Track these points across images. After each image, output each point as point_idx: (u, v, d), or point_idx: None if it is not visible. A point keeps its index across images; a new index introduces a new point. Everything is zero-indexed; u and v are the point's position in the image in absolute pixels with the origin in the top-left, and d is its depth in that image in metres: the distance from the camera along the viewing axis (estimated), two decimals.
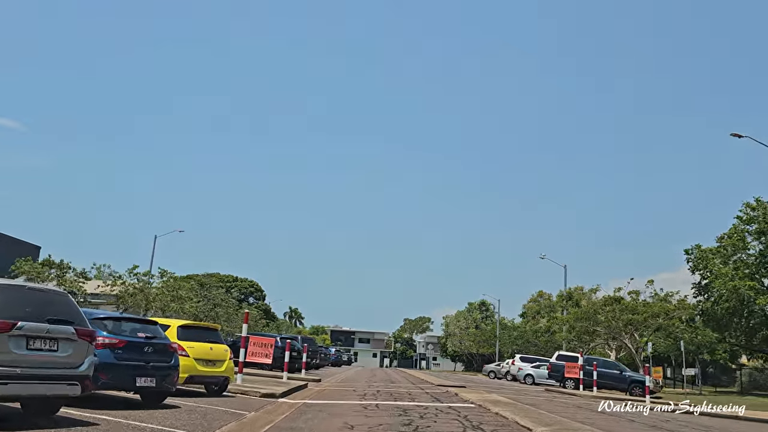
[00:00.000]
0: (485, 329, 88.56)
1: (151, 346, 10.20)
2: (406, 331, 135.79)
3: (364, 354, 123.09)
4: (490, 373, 54.27)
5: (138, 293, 23.61)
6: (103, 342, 9.51)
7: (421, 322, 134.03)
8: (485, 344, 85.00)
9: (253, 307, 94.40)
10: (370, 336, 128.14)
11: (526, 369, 40.73)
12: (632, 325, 39.14)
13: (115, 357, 9.60)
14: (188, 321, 14.80)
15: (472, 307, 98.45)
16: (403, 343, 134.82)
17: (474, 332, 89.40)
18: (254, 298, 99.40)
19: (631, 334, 40.14)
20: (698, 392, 38.52)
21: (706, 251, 39.62)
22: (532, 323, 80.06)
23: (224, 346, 13.84)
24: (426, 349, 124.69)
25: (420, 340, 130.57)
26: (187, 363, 12.48)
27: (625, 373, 31.88)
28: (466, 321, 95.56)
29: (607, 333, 41.68)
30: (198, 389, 13.92)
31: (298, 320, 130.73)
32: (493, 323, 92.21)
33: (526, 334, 62.53)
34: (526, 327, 66.69)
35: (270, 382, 17.79)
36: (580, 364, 28.87)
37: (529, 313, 76.97)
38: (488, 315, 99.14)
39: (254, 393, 14.10)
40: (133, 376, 9.73)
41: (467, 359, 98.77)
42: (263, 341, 16.11)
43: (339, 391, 17.92)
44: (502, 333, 78.64)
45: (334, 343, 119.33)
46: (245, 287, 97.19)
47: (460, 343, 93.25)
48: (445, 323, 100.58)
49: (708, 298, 38.76)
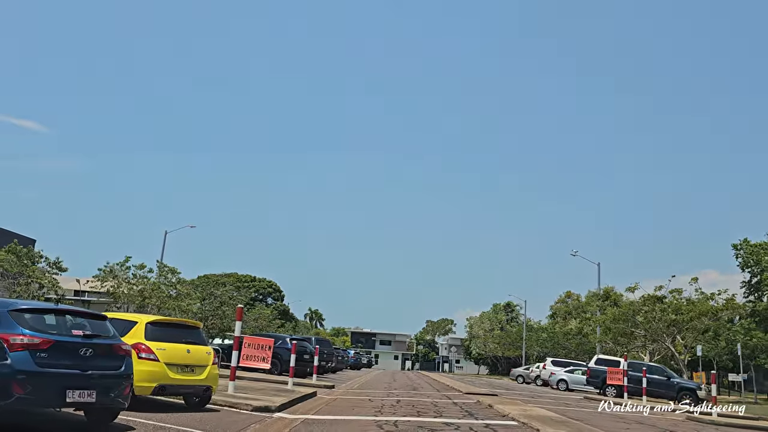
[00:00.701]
0: (510, 331, 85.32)
1: (91, 347, 7.54)
2: (428, 333, 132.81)
3: (385, 356, 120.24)
4: (518, 377, 51.25)
5: (131, 289, 21.23)
6: (19, 342, 6.93)
7: (444, 324, 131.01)
8: (511, 347, 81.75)
9: (271, 307, 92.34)
10: (391, 338, 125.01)
11: (559, 374, 37.67)
12: (675, 326, 35.87)
13: (36, 362, 6.97)
14: (160, 317, 12.15)
15: (497, 309, 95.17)
16: (426, 345, 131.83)
17: (499, 334, 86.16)
18: (273, 299, 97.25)
19: (673, 336, 36.87)
20: (752, 401, 35.16)
21: (757, 246, 36.23)
22: (561, 324, 76.70)
23: (206, 348, 11.22)
24: (449, 352, 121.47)
25: (442, 342, 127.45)
26: (155, 369, 9.91)
27: (673, 379, 28.75)
28: (490, 323, 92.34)
29: (646, 335, 38.42)
30: (176, 401, 11.35)
31: (319, 322, 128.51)
32: (519, 325, 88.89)
33: (556, 336, 59.21)
34: (555, 329, 63.33)
35: (270, 390, 15.17)
36: (623, 369, 25.82)
37: (559, 314, 73.52)
38: (514, 317, 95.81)
39: (245, 406, 11.47)
40: (62, 389, 7.10)
41: (491, 362, 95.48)
42: (260, 342, 13.32)
43: (352, 402, 15.23)
44: (529, 335, 75.41)
45: (355, 345, 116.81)
46: (263, 287, 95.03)
47: (485, 346, 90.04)
48: (469, 325, 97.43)
49: (759, 297, 35.37)
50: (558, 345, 58.01)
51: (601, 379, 28.86)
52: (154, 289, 21.71)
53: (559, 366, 40.21)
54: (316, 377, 21.30)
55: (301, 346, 24.56)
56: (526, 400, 20.34)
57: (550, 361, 41.65)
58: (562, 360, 42.87)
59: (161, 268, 22.68)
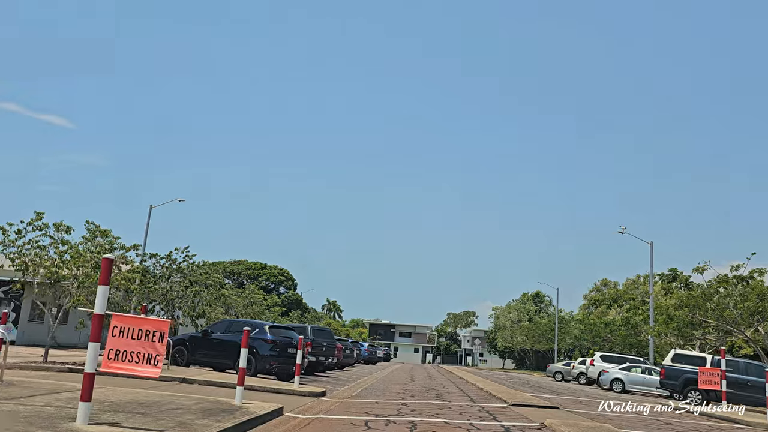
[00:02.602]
0: (540, 322, 78.55)
1: None
2: (450, 325, 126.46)
3: (405, 349, 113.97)
4: (556, 374, 44.61)
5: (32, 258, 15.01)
6: None
7: (466, 316, 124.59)
8: (541, 339, 75.05)
9: (283, 296, 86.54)
10: (411, 330, 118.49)
11: (613, 372, 30.98)
12: (760, 313, 29.02)
13: None
14: None
15: (525, 298, 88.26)
16: (447, 337, 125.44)
17: (527, 326, 79.41)
18: (285, 288, 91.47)
19: (754, 326, 30.00)
20: None
21: None
22: (596, 315, 69.75)
23: None
24: (472, 345, 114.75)
25: (465, 334, 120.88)
26: None
27: None
28: (518, 313, 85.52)
29: (718, 325, 31.58)
30: None
31: (337, 313, 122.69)
32: (549, 316, 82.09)
33: (595, 327, 52.35)
34: (593, 320, 56.47)
35: (191, 412, 8.78)
36: (722, 369, 19.15)
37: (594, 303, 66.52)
38: (543, 307, 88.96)
39: None
40: None
41: (519, 356, 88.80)
42: (142, 326, 6.49)
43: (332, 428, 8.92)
44: (561, 327, 68.71)
45: (373, 337, 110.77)
46: (274, 275, 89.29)
47: (511, 338, 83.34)
48: (495, 316, 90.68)
49: None
50: (598, 337, 51.14)
51: (681, 380, 22.26)
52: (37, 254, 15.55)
53: (611, 362, 33.57)
54: (299, 379, 14.96)
55: (285, 336, 18.27)
56: (597, 417, 13.85)
57: (599, 356, 35.02)
58: (614, 354, 36.18)
59: (92, 231, 16.43)
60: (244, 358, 10.38)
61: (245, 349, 10.45)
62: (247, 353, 10.50)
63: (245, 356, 10.40)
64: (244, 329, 10.73)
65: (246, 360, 10.40)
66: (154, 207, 40.36)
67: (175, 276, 22.81)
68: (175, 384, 14.34)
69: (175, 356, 18.99)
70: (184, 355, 18.84)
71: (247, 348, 10.53)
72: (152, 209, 40.21)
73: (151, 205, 40.33)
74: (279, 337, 18.04)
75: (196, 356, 18.72)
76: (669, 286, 31.18)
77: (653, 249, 40.69)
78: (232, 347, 17.80)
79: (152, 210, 40.10)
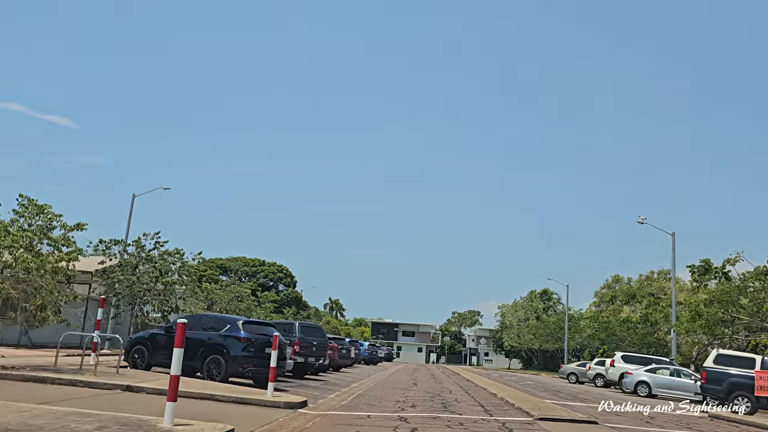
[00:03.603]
0: (548, 321, 75.43)
1: None
2: (454, 324, 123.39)
3: (409, 348, 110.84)
4: (570, 375, 41.58)
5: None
6: None
7: (471, 315, 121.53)
8: (549, 338, 71.99)
9: (282, 294, 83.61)
10: (414, 329, 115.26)
11: (638, 374, 27.95)
12: None
13: None
14: None
15: (532, 296, 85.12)
16: (452, 337, 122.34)
17: (535, 324, 76.28)
18: (284, 285, 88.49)
19: None
20: None
21: None
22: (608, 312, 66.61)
23: None
24: (477, 344, 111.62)
25: (470, 333, 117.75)
26: None
27: None
28: (525, 312, 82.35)
29: (752, 321, 28.57)
30: None
31: (339, 312, 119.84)
32: (558, 314, 78.99)
33: (610, 325, 49.27)
34: (608, 318, 53.36)
35: None
36: None
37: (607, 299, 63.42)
38: (551, 305, 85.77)
39: None
40: None
41: (526, 355, 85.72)
42: None
43: None
44: (570, 325, 65.63)
45: (375, 336, 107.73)
46: (273, 272, 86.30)
47: (518, 337, 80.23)
48: (501, 314, 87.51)
49: None
50: (614, 336, 48.08)
51: (726, 385, 19.25)
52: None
53: (634, 363, 30.55)
54: (272, 388, 12.03)
55: (262, 334, 15.32)
56: None
57: (620, 357, 31.97)
58: (637, 355, 33.12)
59: (26, 207, 13.50)
60: (177, 361, 7.45)
61: (179, 350, 7.51)
62: (182, 353, 7.56)
63: (179, 358, 7.47)
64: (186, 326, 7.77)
65: (179, 362, 7.47)
66: (138, 195, 37.57)
67: (144, 266, 19.87)
68: (117, 393, 11.46)
69: (134, 357, 16.08)
70: (144, 357, 15.93)
71: (182, 348, 7.58)
72: (135, 198, 37.40)
73: (134, 194, 37.49)
74: (255, 335, 15.11)
75: (157, 357, 15.80)
76: (701, 278, 28.10)
77: (675, 240, 37.70)
78: (200, 347, 14.92)
79: (135, 199, 37.25)
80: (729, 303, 27.61)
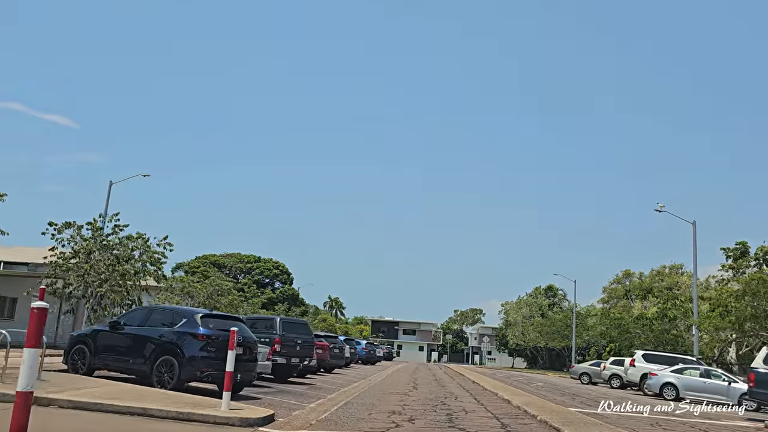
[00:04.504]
0: (554, 318, 72.54)
1: None
2: (456, 322, 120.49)
3: (410, 347, 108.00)
4: (583, 375, 38.70)
5: None
6: None
7: (473, 313, 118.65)
8: (556, 336, 69.16)
9: (278, 291, 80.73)
10: (416, 327, 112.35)
11: (663, 375, 25.09)
12: None
13: None
14: None
15: (537, 292, 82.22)
16: (454, 335, 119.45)
17: (540, 321, 73.38)
18: (280, 282, 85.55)
19: None
20: None
21: None
22: (617, 308, 63.83)
23: None
24: (479, 342, 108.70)
25: (472, 331, 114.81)
26: None
27: None
28: (530, 309, 79.43)
29: None
30: None
31: (339, 310, 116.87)
32: (564, 311, 76.12)
33: (623, 321, 46.41)
34: (620, 314, 50.53)
35: None
36: None
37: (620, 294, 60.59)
38: (556, 302, 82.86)
39: None
40: None
41: (531, 354, 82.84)
42: None
43: None
44: (577, 322, 62.82)
45: (375, 334, 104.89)
46: (269, 269, 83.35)
47: (523, 335, 77.32)
48: (505, 311, 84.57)
49: None
50: (627, 333, 45.23)
51: None
52: None
53: (657, 363, 27.74)
54: (228, 398, 9.22)
55: (225, 330, 12.45)
56: None
57: (640, 356, 29.16)
58: (661, 354, 30.26)
59: None
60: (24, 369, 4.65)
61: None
62: (36, 355, 4.75)
63: (30, 364, 4.66)
64: None
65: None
66: (115, 183, 34.89)
67: (99, 253, 17.04)
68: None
69: (74, 359, 13.27)
70: (86, 358, 13.11)
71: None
72: (112, 185, 34.74)
73: (111, 181, 34.86)
74: (217, 331, 12.27)
75: (102, 359, 12.99)
76: (738, 263, 25.23)
77: (696, 229, 34.84)
78: (149, 346, 12.13)
79: (112, 187, 34.62)
80: (765, 295, 24.77)
